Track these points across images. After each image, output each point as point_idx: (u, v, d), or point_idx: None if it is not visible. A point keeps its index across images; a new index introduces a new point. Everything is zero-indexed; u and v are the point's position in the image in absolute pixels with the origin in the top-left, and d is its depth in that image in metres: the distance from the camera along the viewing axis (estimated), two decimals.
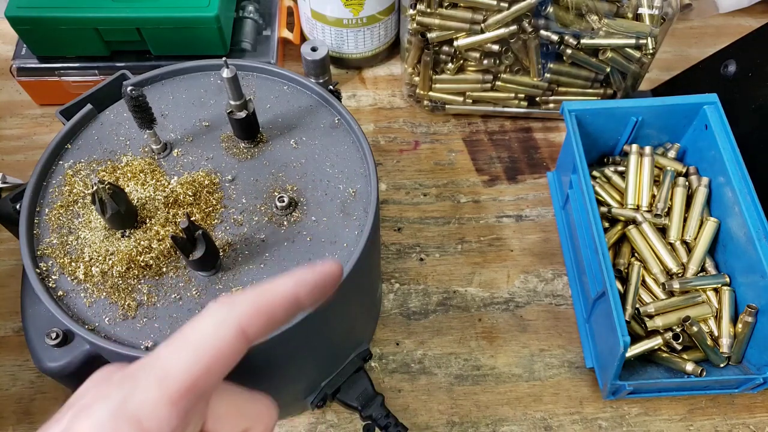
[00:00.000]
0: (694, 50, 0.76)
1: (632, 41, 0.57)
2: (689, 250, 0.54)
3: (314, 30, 0.69)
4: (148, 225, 0.38)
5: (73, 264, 0.37)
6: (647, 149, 0.57)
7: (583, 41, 0.58)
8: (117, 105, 0.44)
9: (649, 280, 0.54)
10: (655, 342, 0.51)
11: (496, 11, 0.57)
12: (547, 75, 0.63)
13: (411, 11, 0.59)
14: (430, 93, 0.66)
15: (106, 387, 0.24)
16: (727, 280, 0.52)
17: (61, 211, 0.39)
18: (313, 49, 0.58)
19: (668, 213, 0.56)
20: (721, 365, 0.51)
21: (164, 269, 0.37)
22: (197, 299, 0.36)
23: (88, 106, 0.43)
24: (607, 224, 0.57)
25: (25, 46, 0.63)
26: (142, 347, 0.35)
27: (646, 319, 0.51)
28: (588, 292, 0.52)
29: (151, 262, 0.37)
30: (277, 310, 0.25)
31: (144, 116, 0.38)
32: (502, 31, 0.58)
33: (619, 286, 0.53)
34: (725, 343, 0.50)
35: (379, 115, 0.69)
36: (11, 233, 0.48)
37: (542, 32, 0.58)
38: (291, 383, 0.44)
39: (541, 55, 0.61)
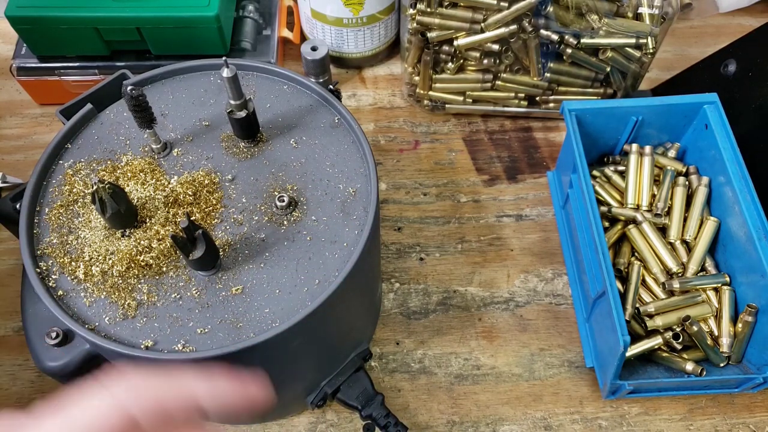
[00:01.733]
0: (694, 50, 0.76)
1: (632, 41, 0.57)
2: (689, 249, 0.54)
3: (314, 29, 0.69)
4: (148, 224, 0.38)
5: (73, 263, 0.37)
6: (647, 149, 0.57)
7: (583, 41, 0.58)
8: (117, 104, 0.44)
9: (649, 280, 0.54)
10: (655, 341, 0.51)
11: (496, 11, 0.57)
12: (547, 74, 0.63)
13: (411, 11, 0.59)
14: (430, 92, 0.66)
15: None
16: (727, 279, 0.52)
17: (61, 211, 0.39)
18: (313, 49, 0.58)
19: (668, 212, 0.56)
20: (721, 365, 0.51)
21: (164, 269, 0.37)
22: (197, 299, 0.36)
23: (88, 106, 0.43)
24: (607, 224, 0.57)
25: (25, 45, 0.63)
26: (141, 346, 0.35)
27: (646, 318, 0.51)
28: (588, 292, 0.52)
29: (151, 261, 0.37)
30: (171, 406, 0.23)
31: (144, 116, 0.38)
32: (502, 30, 0.58)
33: (619, 285, 0.53)
34: (725, 342, 0.50)
35: (379, 115, 0.69)
36: (11, 233, 0.48)
37: (542, 32, 0.58)
38: (291, 383, 0.44)
39: (541, 54, 0.61)
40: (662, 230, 0.55)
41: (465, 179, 0.65)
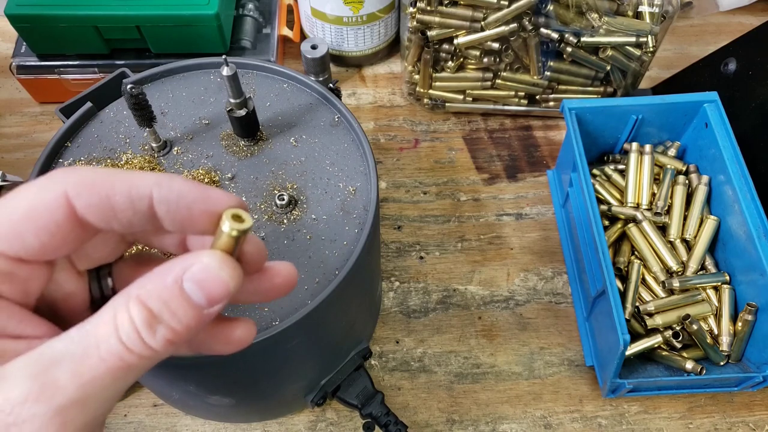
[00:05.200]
0: (694, 48, 0.76)
1: (632, 39, 0.57)
2: (689, 248, 0.54)
3: (314, 28, 0.69)
4: None
5: None
6: (647, 147, 0.57)
7: (583, 39, 0.58)
8: (117, 103, 0.44)
9: (649, 279, 0.54)
10: (655, 340, 0.51)
11: (496, 9, 0.57)
12: (548, 73, 0.63)
13: (411, 9, 0.59)
14: (430, 91, 0.66)
15: None
16: (727, 278, 0.52)
17: None
18: (313, 47, 0.58)
19: (668, 211, 0.55)
20: (721, 363, 0.51)
21: None
22: None
23: (88, 104, 0.43)
24: (607, 222, 0.57)
25: (24, 44, 0.63)
26: None
27: (646, 317, 0.51)
28: (588, 291, 0.53)
29: None
30: (119, 201, 0.21)
31: (144, 114, 0.38)
32: (503, 29, 0.58)
33: (619, 284, 0.53)
34: (725, 341, 0.50)
35: (379, 113, 0.69)
36: None
37: (542, 30, 0.58)
38: (291, 381, 0.44)
39: (542, 53, 0.61)
40: (662, 229, 0.55)
41: (465, 178, 0.65)
